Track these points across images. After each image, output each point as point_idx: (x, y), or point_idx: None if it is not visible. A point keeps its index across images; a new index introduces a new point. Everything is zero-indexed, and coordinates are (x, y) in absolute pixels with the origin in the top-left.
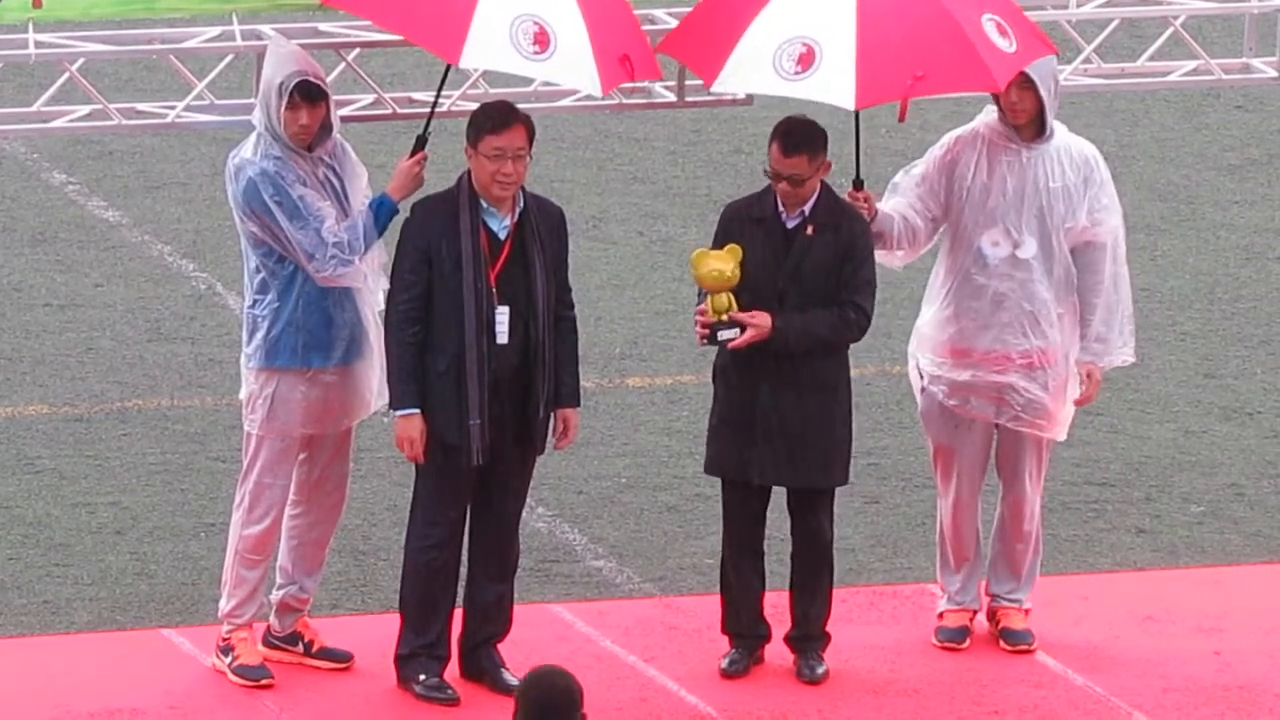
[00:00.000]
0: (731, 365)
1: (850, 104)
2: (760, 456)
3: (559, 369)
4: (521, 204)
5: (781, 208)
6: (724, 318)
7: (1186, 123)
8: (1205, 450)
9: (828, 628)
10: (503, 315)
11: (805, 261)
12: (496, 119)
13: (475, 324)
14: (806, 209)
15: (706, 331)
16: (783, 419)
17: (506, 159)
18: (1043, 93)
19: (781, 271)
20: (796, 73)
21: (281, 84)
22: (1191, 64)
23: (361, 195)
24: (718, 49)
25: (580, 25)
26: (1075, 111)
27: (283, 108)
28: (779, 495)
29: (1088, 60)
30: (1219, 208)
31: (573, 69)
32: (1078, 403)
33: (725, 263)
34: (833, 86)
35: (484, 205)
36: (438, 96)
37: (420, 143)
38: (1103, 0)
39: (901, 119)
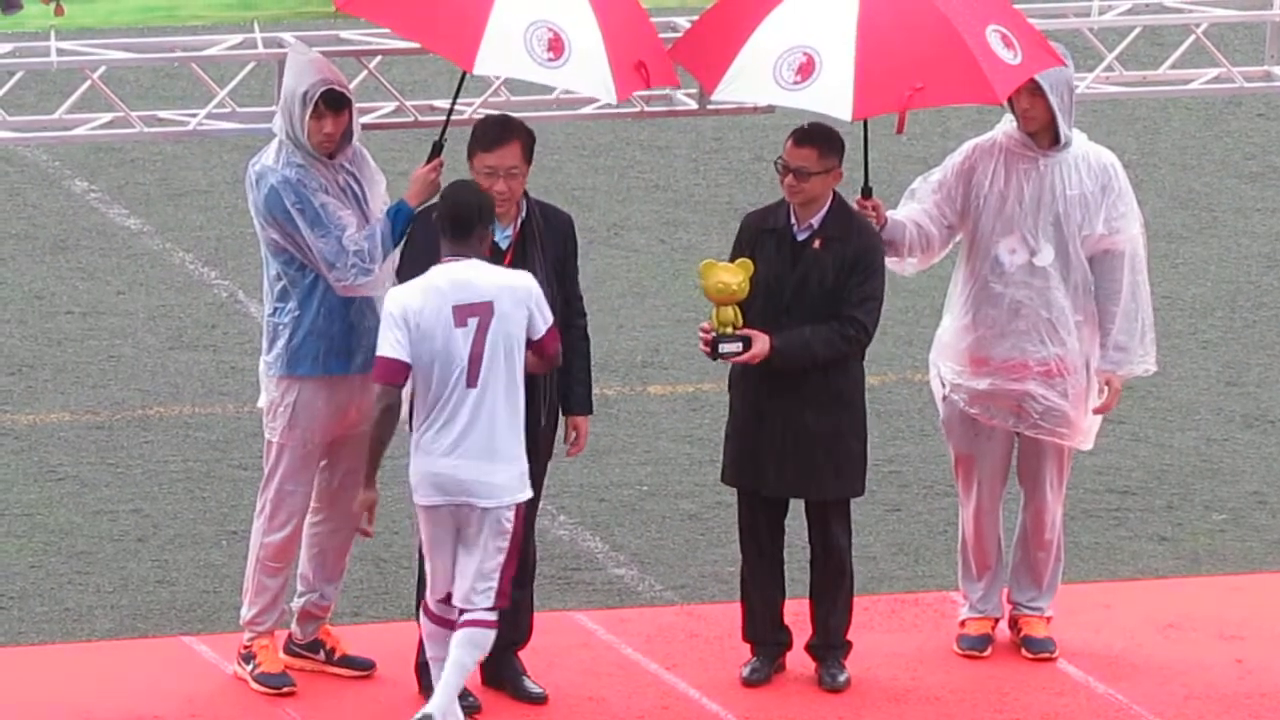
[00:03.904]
0: (743, 377)
1: (847, 115)
2: (771, 468)
3: (568, 377)
4: (524, 213)
5: (793, 219)
6: (728, 331)
7: (1208, 130)
8: (1227, 458)
9: (849, 635)
10: None
11: (812, 274)
12: (489, 137)
13: None
14: (816, 221)
15: (708, 342)
16: (793, 431)
17: (498, 177)
18: (1052, 100)
19: (789, 283)
20: (796, 82)
21: (306, 93)
22: (1213, 71)
23: (380, 202)
24: (721, 57)
25: (595, 32)
26: (1097, 119)
27: (307, 117)
28: (798, 502)
29: (1110, 68)
30: (1241, 215)
31: (587, 76)
32: (1097, 411)
33: (733, 276)
34: (830, 97)
35: None
36: (453, 103)
37: (436, 149)
38: (1125, 8)
39: (899, 130)
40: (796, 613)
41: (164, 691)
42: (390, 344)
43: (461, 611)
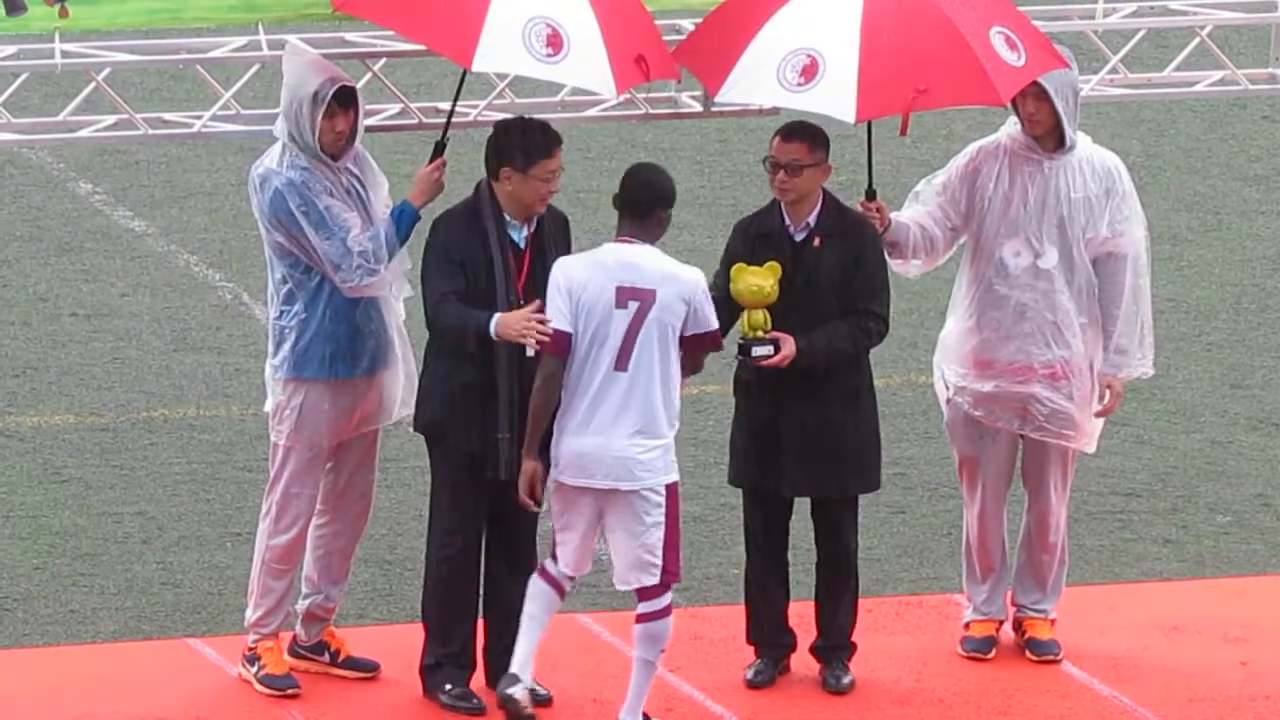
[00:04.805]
0: (753, 378)
1: (850, 117)
2: (785, 468)
3: None
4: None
5: (788, 220)
6: (759, 334)
7: (1213, 133)
8: (1232, 460)
9: (853, 637)
10: None
11: (815, 273)
12: (544, 143)
13: None
14: (812, 220)
15: (740, 346)
16: (806, 429)
17: (556, 178)
18: (1058, 104)
19: (794, 284)
20: (799, 84)
21: (317, 93)
22: (1218, 74)
23: (383, 204)
24: (724, 59)
25: (594, 27)
26: (1102, 121)
27: (319, 117)
28: (802, 504)
29: (1114, 70)
30: (1246, 218)
31: (586, 70)
32: (1099, 414)
33: (764, 279)
34: (834, 99)
35: (506, 218)
36: (455, 102)
37: (439, 149)
38: (1129, 10)
39: (903, 132)
40: (801, 614)
41: (168, 693)
42: (555, 314)
43: (639, 608)
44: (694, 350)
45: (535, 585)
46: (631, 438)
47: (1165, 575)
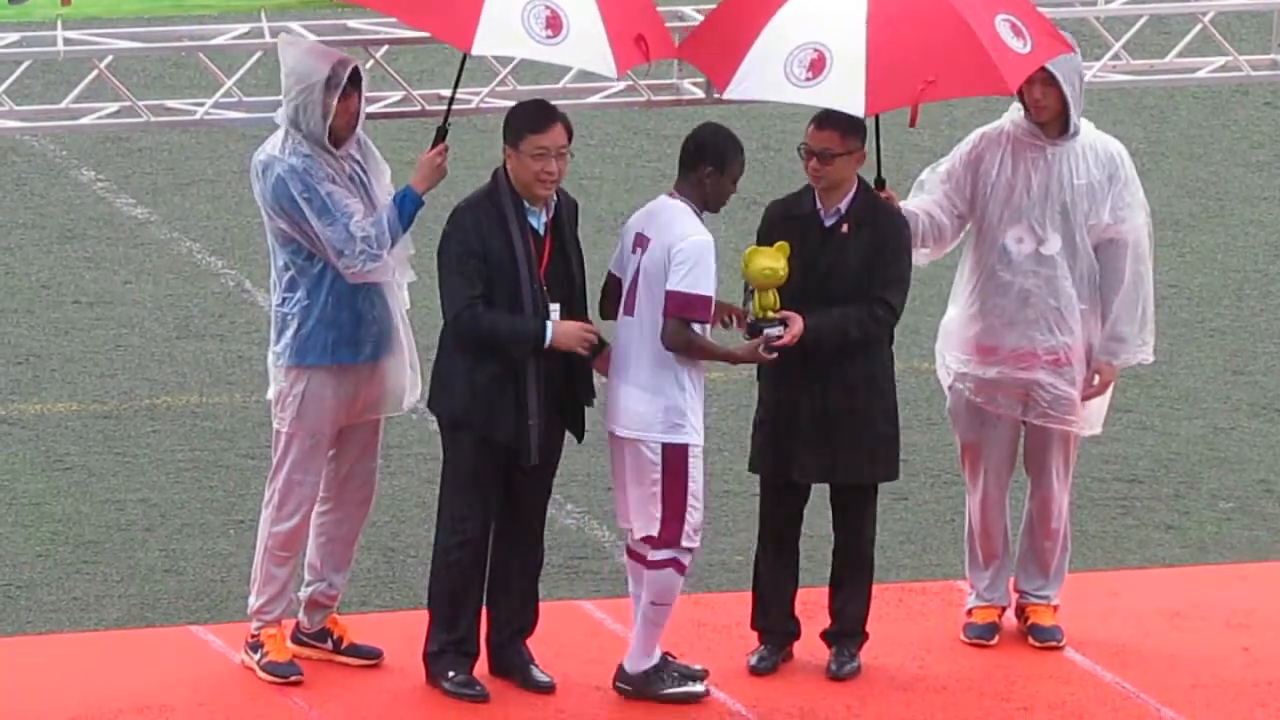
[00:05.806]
0: (775, 366)
1: (860, 110)
2: (806, 455)
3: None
4: (554, 198)
5: (819, 205)
6: (770, 314)
7: (1215, 119)
8: (1234, 446)
9: (866, 626)
10: (555, 313)
11: (841, 259)
12: (538, 118)
13: None
14: (843, 206)
15: (749, 326)
16: (827, 417)
17: (550, 157)
18: (1065, 90)
19: (818, 268)
20: (807, 79)
21: (330, 79)
22: (1220, 60)
23: (385, 192)
24: (731, 55)
25: (593, 7)
26: (1104, 108)
27: (334, 101)
28: (817, 493)
29: (1116, 56)
30: (1248, 204)
31: (586, 52)
32: (1084, 397)
33: (775, 260)
34: (843, 93)
35: (525, 204)
36: (455, 87)
37: (441, 134)
38: None
39: (912, 123)
40: (805, 601)
41: (172, 680)
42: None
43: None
44: (665, 308)
45: (628, 566)
46: (629, 384)
47: (1168, 561)
